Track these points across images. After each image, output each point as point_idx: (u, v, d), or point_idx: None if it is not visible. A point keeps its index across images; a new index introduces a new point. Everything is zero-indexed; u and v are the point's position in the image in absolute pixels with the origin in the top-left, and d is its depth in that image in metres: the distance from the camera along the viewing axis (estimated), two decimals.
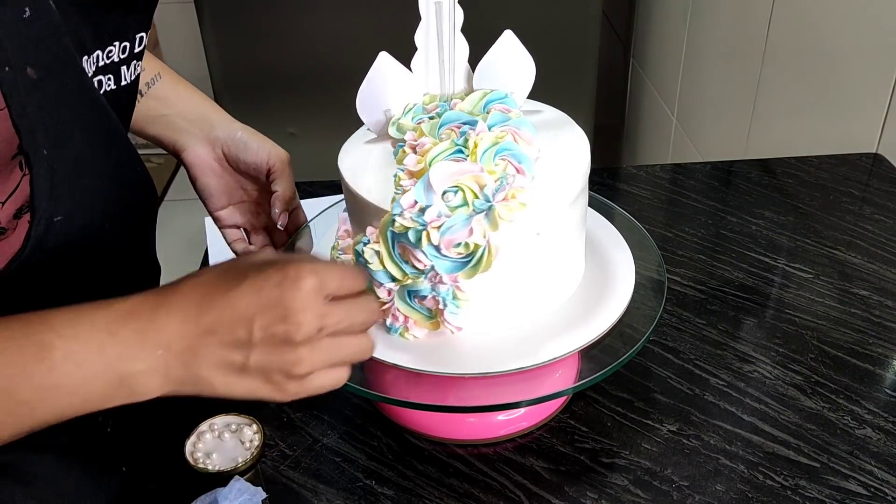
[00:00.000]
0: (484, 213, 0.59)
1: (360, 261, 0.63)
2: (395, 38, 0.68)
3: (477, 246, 0.59)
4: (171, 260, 0.84)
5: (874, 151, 1.10)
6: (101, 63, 0.59)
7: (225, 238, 0.82)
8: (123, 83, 0.61)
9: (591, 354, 0.66)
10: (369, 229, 0.62)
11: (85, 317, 0.47)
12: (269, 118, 1.84)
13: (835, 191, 1.03)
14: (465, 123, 0.63)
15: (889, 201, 1.00)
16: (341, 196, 0.69)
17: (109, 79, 0.60)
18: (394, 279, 0.62)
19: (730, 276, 0.89)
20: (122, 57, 0.60)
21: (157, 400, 0.49)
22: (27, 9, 0.50)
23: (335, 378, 0.52)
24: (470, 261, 0.59)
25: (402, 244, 0.60)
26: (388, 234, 0.60)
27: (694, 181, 1.07)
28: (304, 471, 0.71)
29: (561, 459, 0.71)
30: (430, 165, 0.60)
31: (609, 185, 1.08)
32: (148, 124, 0.77)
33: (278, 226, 0.73)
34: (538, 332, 0.66)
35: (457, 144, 0.61)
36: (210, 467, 0.70)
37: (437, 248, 0.59)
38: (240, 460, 0.71)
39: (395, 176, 0.62)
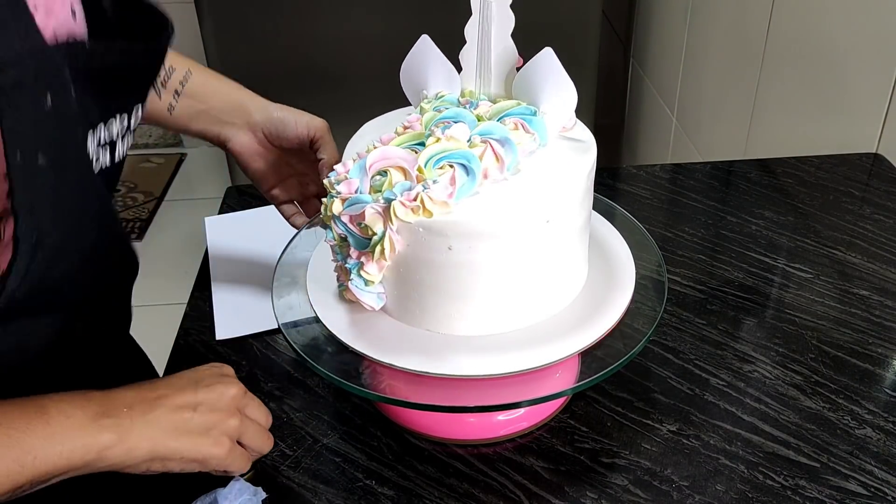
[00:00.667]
0: (385, 203, 0.61)
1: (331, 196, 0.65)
2: (396, 39, 0.68)
3: (373, 232, 0.62)
4: (172, 260, 0.84)
5: (874, 151, 1.10)
6: (102, 138, 0.60)
7: (283, 215, 0.85)
8: (117, 160, 0.63)
9: (591, 354, 0.66)
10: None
11: (73, 395, 0.58)
12: None
13: (835, 191, 1.03)
14: (455, 122, 0.64)
15: (889, 201, 1.00)
16: None
17: (107, 154, 0.62)
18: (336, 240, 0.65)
19: (730, 276, 0.90)
20: (120, 129, 0.62)
21: None
22: (49, 99, 0.50)
23: (263, 441, 0.65)
24: (368, 244, 0.63)
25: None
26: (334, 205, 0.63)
27: (694, 181, 1.07)
28: (304, 471, 0.71)
29: (561, 459, 0.71)
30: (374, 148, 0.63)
31: (609, 185, 1.08)
32: (190, 122, 0.79)
33: (324, 179, 0.74)
34: (538, 333, 0.66)
35: (428, 135, 0.63)
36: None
37: (339, 219, 0.63)
38: None
39: (369, 145, 0.64)
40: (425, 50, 0.69)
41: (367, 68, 1.65)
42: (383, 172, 0.62)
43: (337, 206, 0.62)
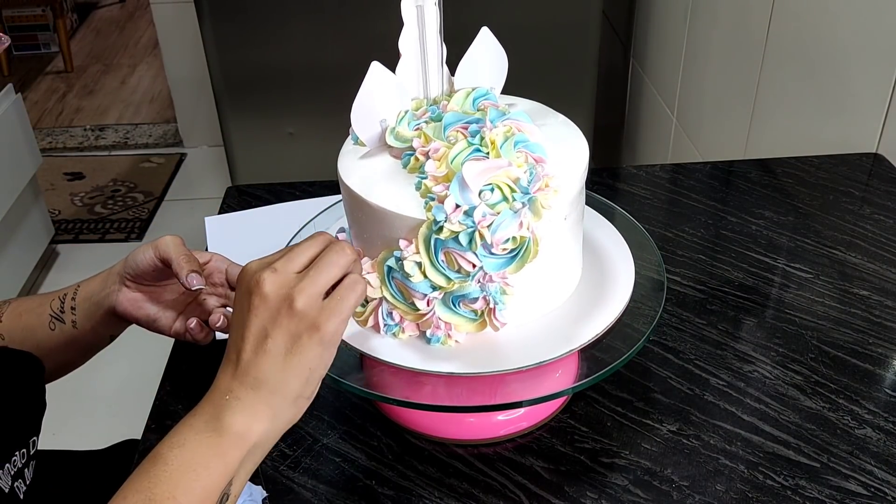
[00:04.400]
0: (526, 205, 0.60)
1: (393, 277, 0.63)
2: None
3: (524, 238, 0.60)
4: None
5: (874, 151, 1.10)
6: (13, 472, 0.66)
7: (195, 339, 0.77)
8: (28, 482, 0.68)
9: (591, 354, 0.66)
10: (402, 242, 0.61)
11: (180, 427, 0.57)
12: (269, 118, 1.85)
13: (835, 191, 1.03)
14: (469, 123, 0.64)
15: (889, 201, 1.00)
16: (340, 196, 0.69)
17: (20, 484, 0.67)
18: (435, 288, 0.62)
19: (730, 276, 0.89)
20: (23, 462, 0.68)
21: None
22: None
23: (348, 287, 0.57)
24: (518, 254, 0.61)
25: (447, 250, 0.60)
26: (432, 243, 0.60)
27: (694, 181, 1.07)
28: (304, 471, 0.71)
29: (561, 459, 0.71)
30: (458, 167, 0.60)
31: (609, 185, 1.08)
32: (88, 320, 0.76)
33: (193, 288, 0.69)
34: (538, 332, 0.66)
35: (472, 144, 0.62)
36: None
37: (488, 248, 0.59)
38: None
39: (419, 184, 0.62)
40: (378, 78, 0.65)
41: (366, 69, 1.64)
42: (488, 187, 0.60)
43: (487, 236, 0.59)
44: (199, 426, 0.55)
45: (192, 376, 0.80)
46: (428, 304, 0.63)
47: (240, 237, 1.02)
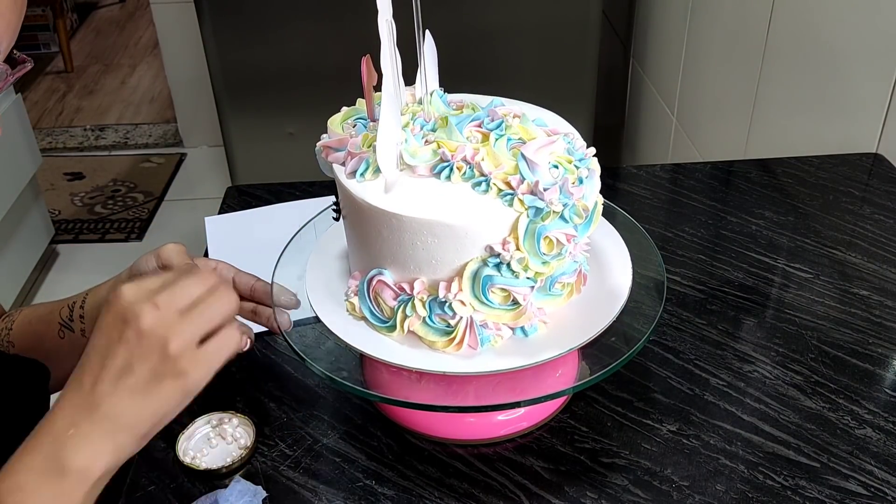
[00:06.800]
0: (589, 168, 0.63)
1: (491, 284, 0.61)
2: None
3: (596, 201, 0.64)
4: None
5: (874, 151, 1.10)
6: None
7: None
8: None
9: (591, 354, 0.66)
10: (496, 246, 0.60)
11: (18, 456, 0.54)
12: (269, 118, 1.85)
13: (835, 191, 1.03)
14: (475, 119, 0.65)
15: (889, 201, 1.00)
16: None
17: None
18: (535, 279, 0.62)
19: (730, 276, 0.89)
20: None
21: None
22: None
23: (225, 339, 0.56)
24: (592, 216, 0.64)
25: (547, 235, 0.60)
26: (536, 232, 0.60)
27: (694, 181, 1.07)
28: (304, 471, 0.71)
29: (561, 459, 0.71)
30: (514, 157, 0.61)
31: (609, 185, 1.08)
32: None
33: None
34: (538, 332, 0.66)
35: (500, 135, 0.63)
36: (202, 465, 0.70)
37: (581, 216, 0.62)
38: (234, 456, 0.71)
39: (485, 188, 0.61)
40: (394, 103, 0.63)
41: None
42: (553, 164, 0.62)
43: (583, 204, 0.61)
44: (38, 466, 0.53)
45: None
46: (524, 300, 0.63)
47: (240, 237, 1.01)
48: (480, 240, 0.60)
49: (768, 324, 0.83)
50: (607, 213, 0.78)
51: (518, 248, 0.60)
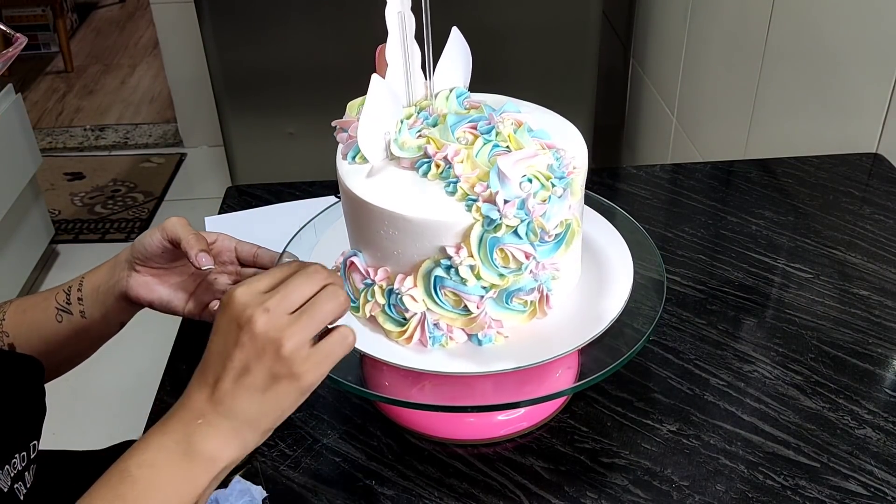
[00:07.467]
0: (566, 188, 0.61)
1: (442, 286, 0.61)
2: None
3: (568, 221, 0.61)
4: None
5: (874, 151, 1.10)
6: (12, 473, 0.66)
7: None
8: (28, 486, 0.69)
9: (591, 354, 0.66)
10: (450, 249, 0.60)
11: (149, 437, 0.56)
12: (269, 118, 1.85)
13: (835, 191, 1.03)
14: (473, 121, 0.64)
15: (889, 201, 1.00)
16: (340, 196, 0.69)
17: (20, 486, 0.67)
18: (488, 288, 0.62)
19: (730, 276, 0.89)
20: (23, 465, 0.68)
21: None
22: None
23: (338, 339, 0.56)
24: (563, 237, 0.62)
25: (502, 246, 0.60)
26: (486, 242, 0.59)
27: (694, 181, 1.07)
28: (304, 471, 0.71)
29: (561, 459, 0.71)
30: (490, 164, 0.60)
31: (609, 185, 1.08)
32: (96, 308, 0.78)
33: (203, 268, 0.71)
34: (537, 332, 0.66)
35: (488, 140, 0.62)
36: None
37: (542, 236, 0.60)
38: None
39: (453, 189, 0.61)
40: (380, 91, 0.64)
41: (367, 69, 1.64)
42: (526, 178, 0.60)
43: (544, 224, 0.60)
44: (170, 446, 0.55)
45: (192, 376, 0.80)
46: (478, 307, 0.62)
47: (240, 237, 1.01)
48: (437, 240, 0.61)
49: (768, 324, 0.83)
50: (607, 213, 0.79)
51: (471, 255, 0.60)
